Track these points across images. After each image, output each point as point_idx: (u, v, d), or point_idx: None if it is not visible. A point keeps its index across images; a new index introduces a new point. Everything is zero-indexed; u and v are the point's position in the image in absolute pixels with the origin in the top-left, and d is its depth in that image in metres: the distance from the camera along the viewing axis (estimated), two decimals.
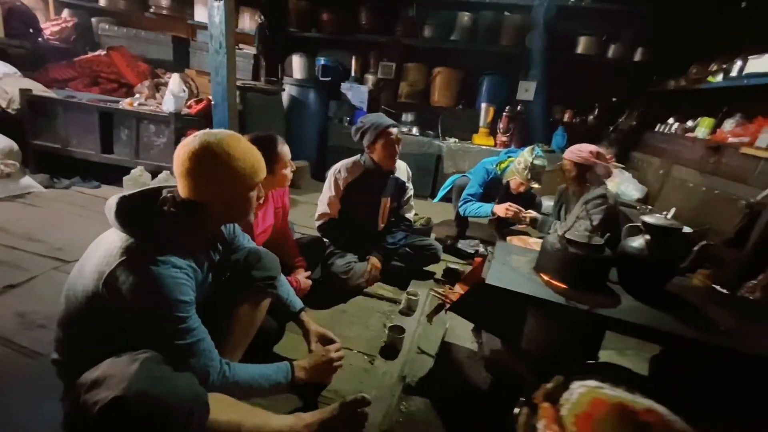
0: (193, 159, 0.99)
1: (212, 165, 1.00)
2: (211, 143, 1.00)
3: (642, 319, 1.26)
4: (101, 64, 4.16)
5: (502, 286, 1.34)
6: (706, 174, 2.75)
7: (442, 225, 3.43)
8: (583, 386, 0.37)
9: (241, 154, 1.04)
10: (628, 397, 0.36)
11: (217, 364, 1.02)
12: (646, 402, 0.35)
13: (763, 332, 1.26)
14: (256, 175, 1.09)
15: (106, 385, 0.84)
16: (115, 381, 0.83)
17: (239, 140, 1.07)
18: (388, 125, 2.12)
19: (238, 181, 1.05)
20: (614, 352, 1.71)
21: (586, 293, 1.34)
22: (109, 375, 0.85)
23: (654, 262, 1.38)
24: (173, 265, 0.96)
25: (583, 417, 0.36)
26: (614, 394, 0.36)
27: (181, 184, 1.02)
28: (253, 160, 1.08)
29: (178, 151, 1.02)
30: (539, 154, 2.58)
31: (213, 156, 1.00)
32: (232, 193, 1.06)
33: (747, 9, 2.92)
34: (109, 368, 0.87)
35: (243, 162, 1.04)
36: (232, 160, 1.02)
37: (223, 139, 1.02)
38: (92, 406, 0.81)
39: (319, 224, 2.21)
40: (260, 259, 1.33)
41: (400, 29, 4.58)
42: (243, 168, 1.04)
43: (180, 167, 1.00)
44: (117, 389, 0.81)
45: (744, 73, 2.57)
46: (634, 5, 3.81)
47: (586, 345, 1.44)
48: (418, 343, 1.75)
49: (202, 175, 1.01)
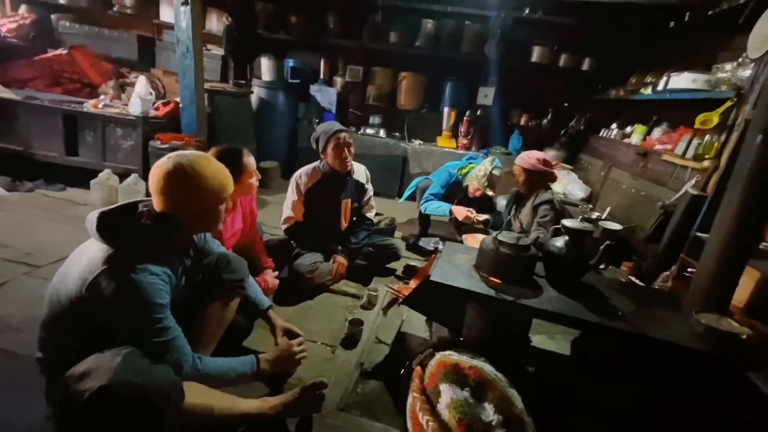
0: (167, 178, 1.13)
1: (184, 184, 1.14)
2: (183, 164, 1.14)
3: (558, 307, 1.50)
4: (63, 63, 4.08)
5: (443, 282, 1.55)
6: (637, 176, 3.09)
7: (407, 224, 3.64)
8: (440, 354, 0.54)
9: (210, 173, 1.18)
10: (463, 359, 0.53)
11: (189, 358, 1.17)
12: (474, 362, 0.53)
13: (652, 315, 1.53)
14: (224, 191, 1.23)
15: (93, 376, 0.96)
16: (100, 372, 0.96)
17: (209, 160, 1.21)
18: (336, 131, 2.29)
19: (208, 197, 1.19)
20: (545, 336, 1.97)
21: (515, 287, 1.58)
22: (95, 368, 0.97)
23: (570, 259, 1.63)
24: (150, 272, 1.11)
25: (433, 374, 0.55)
26: (454, 358, 0.53)
27: (156, 200, 1.17)
28: (221, 177, 1.22)
29: (153, 170, 1.16)
30: (498, 165, 2.84)
31: (185, 176, 1.14)
32: (203, 208, 1.21)
33: (674, 29, 3.26)
34: (94, 362, 1.00)
35: (212, 180, 1.18)
36: (202, 180, 1.16)
37: (195, 161, 1.16)
38: (81, 395, 0.94)
39: (286, 227, 2.36)
40: (229, 263, 1.48)
41: (367, 34, 4.73)
42: (212, 185, 1.19)
43: (155, 186, 1.15)
44: (103, 379, 0.94)
45: (667, 88, 2.90)
46: (582, 18, 4.13)
47: (515, 331, 1.68)
48: (376, 334, 1.95)
49: (175, 192, 1.15)
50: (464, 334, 1.68)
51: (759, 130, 1.34)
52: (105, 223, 1.11)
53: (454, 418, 0.50)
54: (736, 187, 1.42)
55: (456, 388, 0.52)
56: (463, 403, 0.51)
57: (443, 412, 0.52)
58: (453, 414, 0.50)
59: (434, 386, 0.53)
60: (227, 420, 1.19)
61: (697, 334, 1.41)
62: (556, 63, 4.50)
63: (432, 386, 0.54)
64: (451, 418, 0.50)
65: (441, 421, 0.51)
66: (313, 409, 1.34)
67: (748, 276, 1.90)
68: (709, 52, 2.91)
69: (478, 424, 0.49)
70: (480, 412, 0.50)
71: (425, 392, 0.53)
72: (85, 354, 1.03)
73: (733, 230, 1.41)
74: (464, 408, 0.50)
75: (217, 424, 1.18)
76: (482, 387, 0.53)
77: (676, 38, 3.36)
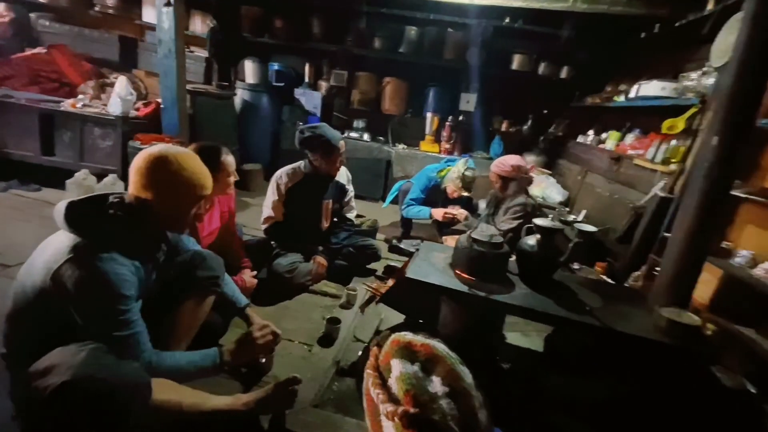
0: (150, 160, 1.15)
1: (165, 170, 1.16)
2: (168, 152, 1.18)
3: (530, 303, 1.54)
4: (41, 62, 4.00)
5: (419, 278, 1.58)
6: (611, 181, 3.19)
7: (390, 226, 3.67)
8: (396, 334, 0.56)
9: (190, 168, 1.20)
10: (416, 338, 0.56)
11: (146, 355, 1.14)
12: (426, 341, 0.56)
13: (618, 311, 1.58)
14: (200, 189, 1.23)
15: (56, 371, 0.94)
16: (64, 367, 0.94)
17: (194, 159, 1.23)
18: (341, 140, 2.33)
19: (183, 189, 1.20)
20: (519, 334, 2.02)
21: (488, 284, 1.61)
22: (59, 363, 0.95)
23: (542, 257, 1.68)
24: (117, 262, 1.10)
25: (387, 353, 0.57)
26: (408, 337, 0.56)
27: (133, 180, 1.17)
28: (200, 175, 1.23)
29: (139, 154, 1.18)
30: (471, 166, 2.91)
31: (167, 161, 1.16)
32: (176, 200, 1.21)
33: (645, 39, 3.40)
34: (58, 357, 0.98)
35: (191, 174, 1.20)
36: (182, 170, 1.18)
37: (179, 153, 1.19)
38: (43, 391, 0.91)
39: (266, 227, 2.37)
40: (204, 260, 1.47)
41: (352, 39, 4.78)
42: (190, 179, 1.20)
43: (137, 165, 1.16)
44: (66, 375, 0.92)
45: (638, 95, 3.02)
46: (560, 28, 4.26)
47: (489, 327, 1.72)
48: (354, 332, 1.96)
49: (154, 176, 1.15)
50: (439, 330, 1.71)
51: (714, 132, 1.41)
52: (73, 213, 1.11)
53: (402, 390, 0.52)
54: (694, 186, 1.49)
55: (407, 362, 0.54)
56: (411, 375, 0.53)
57: (393, 386, 0.54)
58: (401, 386, 0.53)
59: (387, 363, 0.56)
60: (197, 416, 1.17)
61: (660, 327, 1.46)
62: (536, 71, 4.62)
63: (385, 363, 0.56)
64: (399, 390, 0.53)
65: (390, 394, 0.53)
66: (285, 405, 1.34)
67: (711, 274, 1.99)
68: (676, 61, 3.04)
69: (424, 395, 0.51)
70: (427, 384, 0.53)
71: (378, 369, 0.55)
72: (50, 349, 1.01)
73: (691, 228, 1.47)
74: (411, 380, 0.53)
75: (187, 421, 1.17)
76: (431, 362, 0.55)
77: (646, 48, 3.51)
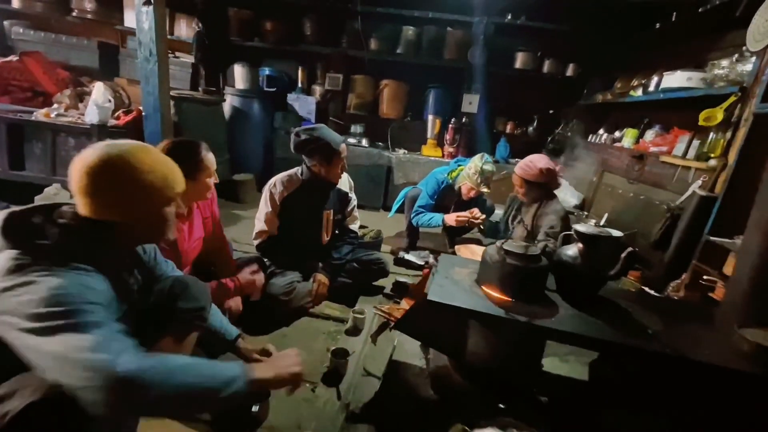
0: (91, 175, 0.87)
1: (113, 181, 0.89)
2: (111, 156, 0.89)
3: (579, 328, 1.27)
4: (13, 70, 3.73)
5: (444, 302, 1.30)
6: (633, 181, 2.95)
7: (394, 237, 3.40)
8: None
9: (148, 166, 0.93)
10: None
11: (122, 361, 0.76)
12: None
13: (685, 332, 1.32)
14: (169, 189, 0.98)
15: (18, 395, 0.78)
16: (29, 390, 0.78)
17: (147, 151, 0.95)
18: (342, 142, 2.06)
19: (146, 197, 0.94)
20: (556, 358, 1.74)
21: (526, 304, 1.35)
22: (21, 387, 0.79)
23: (587, 270, 1.41)
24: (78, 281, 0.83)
25: None
26: None
27: (79, 202, 0.89)
28: (165, 171, 0.97)
29: (74, 164, 0.89)
30: (488, 160, 2.65)
31: (114, 171, 0.89)
32: (142, 211, 0.95)
33: (660, 30, 3.20)
34: (19, 382, 0.80)
35: (152, 175, 0.93)
36: (137, 174, 0.91)
37: (127, 151, 0.91)
38: (2, 418, 0.76)
39: (258, 243, 2.08)
40: (186, 289, 1.20)
41: (346, 41, 4.56)
42: (152, 182, 0.93)
43: (76, 184, 0.88)
44: (33, 396, 0.77)
45: (660, 88, 2.80)
46: (563, 24, 4.07)
47: (528, 357, 1.45)
48: (364, 365, 1.67)
49: (102, 192, 0.89)
50: (468, 361, 1.44)
51: None
52: (12, 225, 0.84)
53: None
54: None
55: None
56: None
57: None
58: None
59: None
60: None
61: (743, 353, 1.20)
62: (540, 69, 4.42)
63: None
64: None
65: None
66: None
67: None
68: (698, 50, 2.84)
69: None
70: None
71: None
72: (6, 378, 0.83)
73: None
74: None
75: None
76: None
77: (663, 39, 3.30)
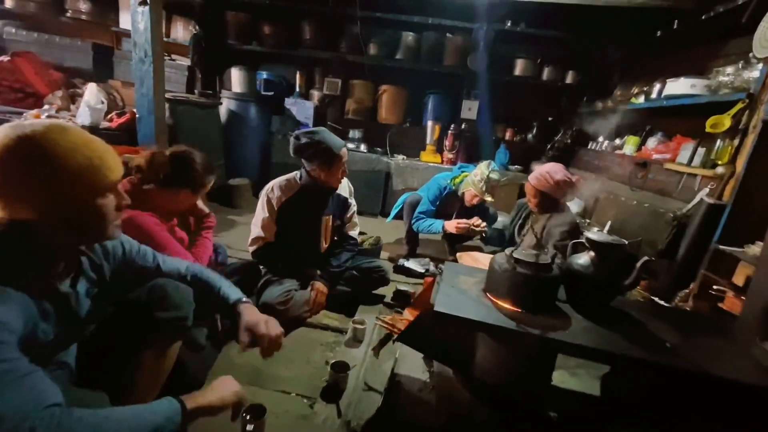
0: None
1: (21, 167, 0.75)
2: (15, 137, 0.75)
3: (595, 341, 1.20)
4: (3, 71, 3.64)
5: (452, 313, 1.23)
6: (635, 188, 2.92)
7: (394, 244, 3.33)
8: None
9: (65, 149, 0.78)
10: None
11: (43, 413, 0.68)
12: None
13: (704, 346, 1.26)
14: (100, 175, 0.83)
15: None
16: None
17: (64, 132, 0.80)
18: (344, 146, 2.00)
19: (66, 186, 0.79)
20: (566, 372, 1.67)
21: (537, 315, 1.28)
22: None
23: (600, 279, 1.35)
24: None
25: None
26: None
27: None
28: (89, 155, 0.82)
29: None
30: (495, 168, 2.60)
31: (20, 155, 0.75)
32: (63, 205, 0.80)
33: (661, 38, 3.19)
34: None
35: (72, 160, 0.79)
36: (51, 159, 0.77)
37: (38, 133, 0.76)
38: None
39: (254, 249, 2.00)
40: (165, 297, 1.09)
41: (345, 46, 4.52)
42: (73, 167, 0.79)
43: None
44: None
45: (663, 95, 2.78)
46: (563, 31, 4.07)
47: (538, 371, 1.38)
48: (365, 379, 1.59)
49: (8, 184, 0.76)
50: (475, 375, 1.36)
51: None
52: None
53: None
54: None
55: None
56: None
57: None
58: None
59: None
60: None
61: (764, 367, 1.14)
62: (540, 76, 4.42)
63: None
64: None
65: None
66: None
67: None
68: (701, 57, 2.82)
69: None
70: None
71: None
72: None
73: None
74: None
75: None
76: None
77: (664, 46, 3.30)
